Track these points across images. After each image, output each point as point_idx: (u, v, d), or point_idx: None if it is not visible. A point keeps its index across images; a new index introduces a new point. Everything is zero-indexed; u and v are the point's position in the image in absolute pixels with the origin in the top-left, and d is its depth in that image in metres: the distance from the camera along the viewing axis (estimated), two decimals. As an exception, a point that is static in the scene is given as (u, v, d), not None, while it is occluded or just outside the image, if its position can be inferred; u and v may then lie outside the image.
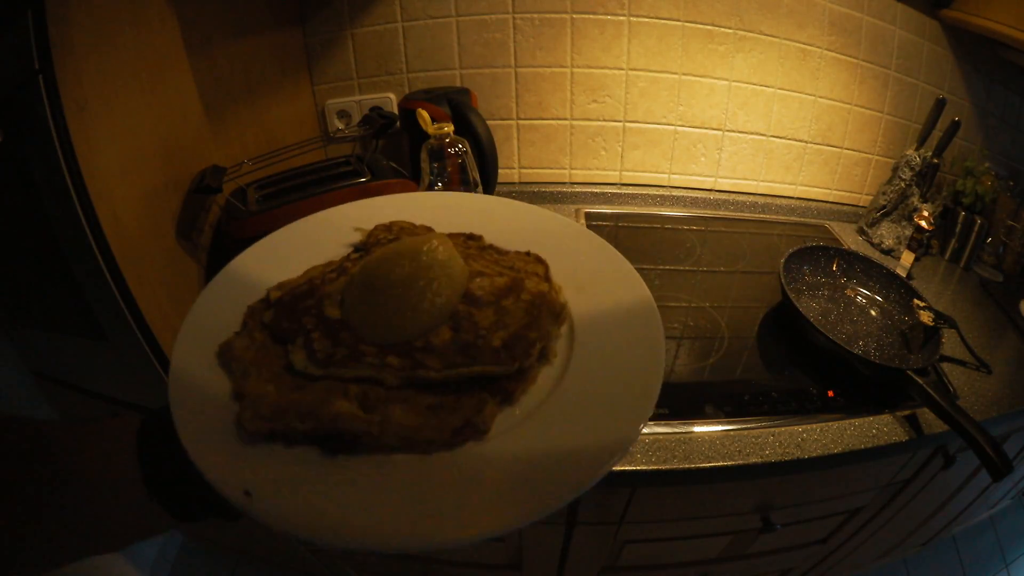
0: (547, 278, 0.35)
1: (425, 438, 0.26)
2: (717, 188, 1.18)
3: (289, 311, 0.32)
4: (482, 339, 0.29)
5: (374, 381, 0.29)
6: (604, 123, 1.10)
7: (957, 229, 1.09)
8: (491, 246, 0.39)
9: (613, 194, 1.16)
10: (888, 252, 1.09)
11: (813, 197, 1.20)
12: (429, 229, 0.40)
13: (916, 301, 0.83)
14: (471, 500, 0.25)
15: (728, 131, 1.12)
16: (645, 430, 0.68)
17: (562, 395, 0.29)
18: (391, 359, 0.29)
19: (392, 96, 1.06)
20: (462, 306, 0.31)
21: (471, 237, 0.39)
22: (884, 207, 1.10)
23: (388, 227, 0.39)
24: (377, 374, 0.29)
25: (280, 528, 0.24)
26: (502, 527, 0.24)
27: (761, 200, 1.18)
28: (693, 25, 1.01)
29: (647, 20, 1.00)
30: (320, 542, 0.24)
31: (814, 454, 0.66)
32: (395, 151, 1.09)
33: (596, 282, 0.36)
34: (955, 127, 0.98)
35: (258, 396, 0.28)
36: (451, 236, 0.38)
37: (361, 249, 0.38)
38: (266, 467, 0.26)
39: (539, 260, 0.37)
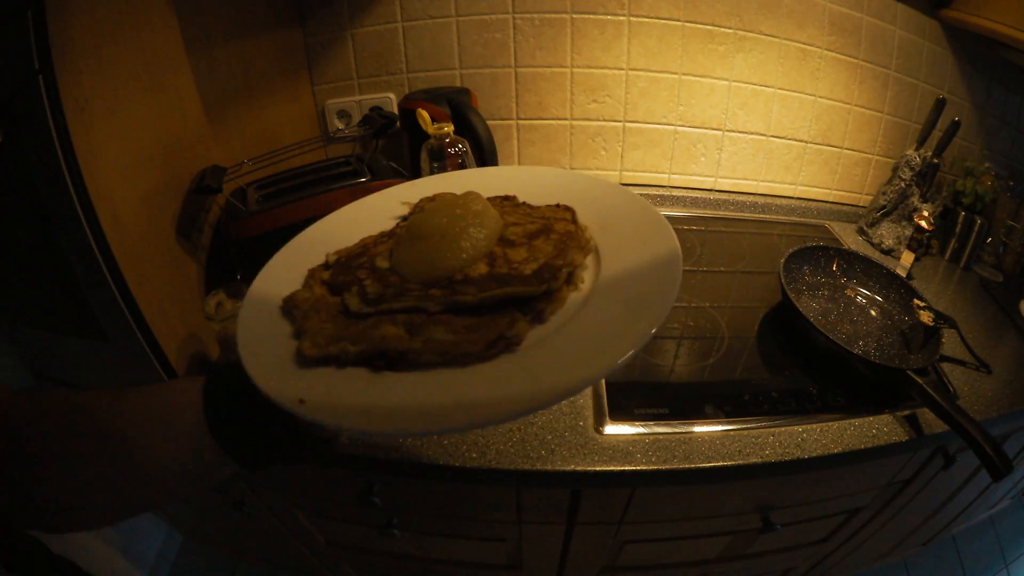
0: (574, 220, 0.40)
1: (462, 351, 0.29)
2: (717, 188, 1.18)
3: (344, 268, 0.37)
4: (515, 270, 0.33)
5: (418, 311, 0.32)
6: (604, 123, 1.10)
7: (957, 229, 1.09)
8: (524, 203, 0.43)
9: (613, 194, 1.16)
10: (888, 252, 1.09)
11: (813, 197, 1.20)
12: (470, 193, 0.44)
13: (916, 301, 0.83)
14: (502, 390, 0.28)
15: (728, 131, 1.12)
16: (645, 430, 0.68)
17: (588, 313, 0.32)
18: (433, 291, 0.33)
19: (392, 96, 1.06)
20: (498, 248, 0.36)
21: (506, 198, 0.44)
22: (884, 207, 1.10)
23: (431, 199, 0.43)
24: (421, 303, 0.32)
25: (332, 422, 0.27)
26: (528, 406, 0.26)
27: (761, 200, 1.18)
28: (693, 25, 1.01)
29: (647, 20, 1.00)
30: (371, 430, 0.27)
31: (814, 454, 0.67)
32: (395, 151, 1.09)
33: (622, 223, 0.39)
34: (955, 127, 0.98)
35: (318, 330, 0.32)
36: (489, 199, 0.42)
37: (407, 218, 0.43)
38: (320, 382, 0.29)
39: (567, 208, 0.41)
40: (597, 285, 0.34)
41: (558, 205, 0.42)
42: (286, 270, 0.39)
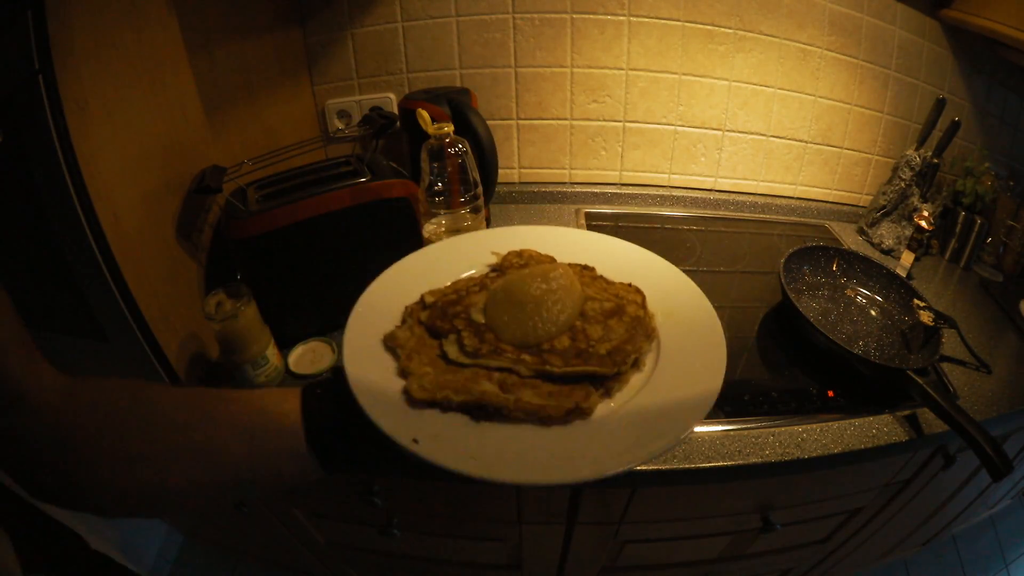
0: (643, 306, 0.45)
1: (546, 414, 0.35)
2: (717, 188, 1.18)
3: (442, 313, 0.42)
4: (592, 347, 0.39)
5: (510, 371, 0.38)
6: (604, 123, 1.10)
7: (957, 229, 1.09)
8: (601, 276, 0.48)
9: (613, 194, 1.16)
10: (888, 252, 1.09)
11: (813, 197, 1.20)
12: (552, 259, 0.49)
13: (916, 301, 0.83)
14: (579, 455, 0.33)
15: (728, 131, 1.12)
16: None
17: (647, 394, 0.38)
18: (525, 356, 0.38)
19: (392, 96, 1.06)
20: (578, 322, 0.41)
21: (586, 268, 0.49)
22: (884, 207, 1.10)
23: (519, 253, 0.49)
24: (514, 367, 0.38)
25: (442, 464, 0.31)
26: (597, 474, 0.32)
27: (761, 200, 1.18)
28: (693, 25, 1.01)
29: (647, 20, 1.00)
30: (474, 476, 0.31)
31: (814, 454, 0.67)
32: (395, 151, 1.09)
33: (680, 311, 0.45)
34: (955, 127, 0.98)
35: (421, 374, 0.37)
36: (570, 265, 0.47)
37: (497, 270, 0.48)
38: (428, 424, 0.34)
39: (638, 291, 0.46)
40: (655, 371, 0.39)
41: (630, 285, 0.47)
42: (382, 302, 0.43)
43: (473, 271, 0.48)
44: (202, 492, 0.36)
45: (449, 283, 0.47)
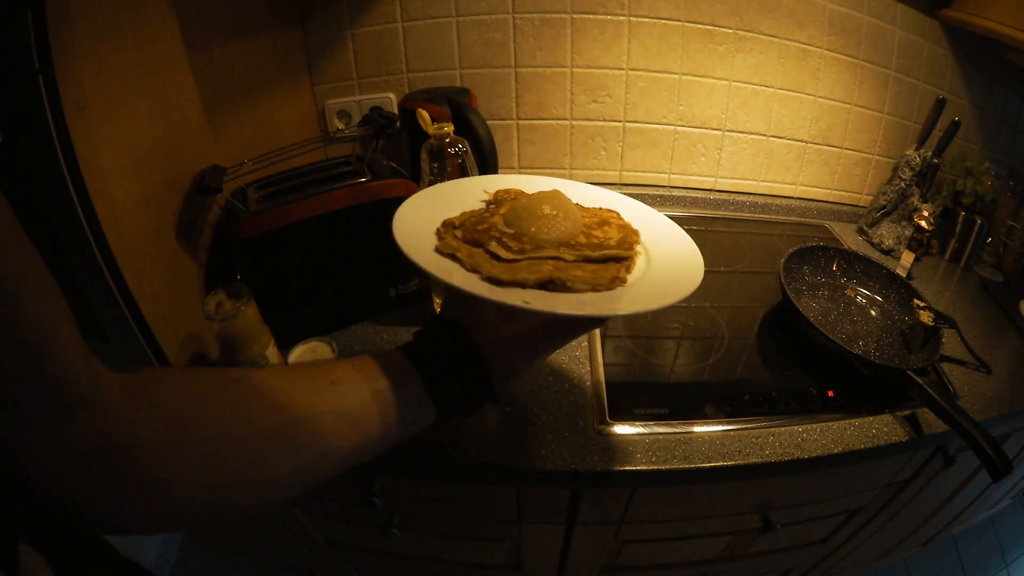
0: (620, 218, 0.54)
1: (598, 282, 0.44)
2: (717, 188, 1.18)
3: (473, 230, 0.48)
4: (606, 241, 0.49)
5: (557, 259, 0.46)
6: (604, 123, 1.10)
7: (957, 229, 1.09)
8: (578, 204, 0.55)
9: (613, 194, 1.16)
10: (888, 252, 1.09)
11: (813, 197, 1.20)
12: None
13: (916, 301, 0.83)
14: (623, 304, 0.42)
15: (728, 131, 1.12)
16: (645, 430, 0.68)
17: (656, 268, 0.49)
18: (563, 250, 0.47)
19: (392, 96, 1.06)
20: (583, 231, 0.50)
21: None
22: (884, 207, 1.10)
23: (507, 191, 0.56)
24: (559, 255, 0.46)
25: (558, 312, 0.39)
26: (633, 310, 0.41)
27: (761, 200, 1.18)
28: (693, 25, 1.01)
29: (647, 20, 1.00)
30: (582, 315, 0.40)
31: (814, 454, 0.67)
32: (395, 151, 1.09)
33: (652, 227, 0.55)
34: (955, 127, 0.98)
35: (489, 267, 0.43)
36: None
37: (493, 203, 0.54)
38: (522, 295, 0.40)
39: (611, 209, 0.56)
40: (651, 263, 0.50)
41: (601, 208, 0.56)
42: (409, 230, 0.47)
43: (469, 208, 0.54)
44: (313, 476, 0.36)
45: (459, 213, 0.52)
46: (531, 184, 0.58)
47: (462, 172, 0.74)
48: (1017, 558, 1.41)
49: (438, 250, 0.46)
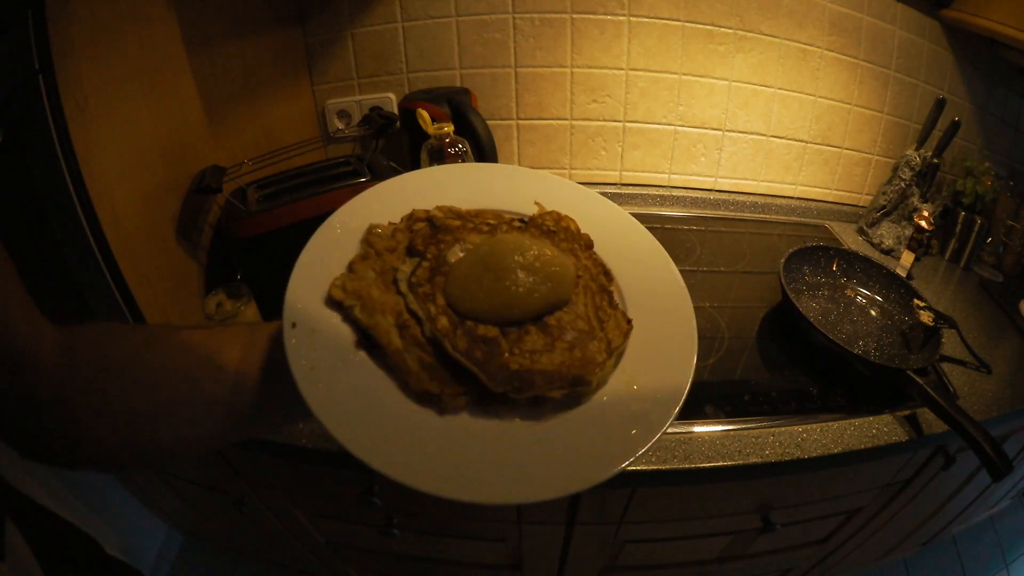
0: (607, 355, 0.35)
1: (410, 380, 0.31)
2: (717, 188, 1.18)
3: (431, 235, 0.37)
4: (507, 356, 0.33)
5: (419, 321, 0.33)
6: (604, 123, 1.10)
7: (957, 229, 1.09)
8: (614, 294, 0.40)
9: (613, 194, 1.16)
10: (888, 252, 1.09)
11: (813, 197, 1.20)
12: (589, 241, 0.41)
13: (916, 301, 0.83)
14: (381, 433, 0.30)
15: (728, 131, 1.11)
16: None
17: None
18: (443, 319, 0.33)
19: (392, 96, 1.06)
20: (532, 327, 0.35)
21: (606, 273, 0.41)
22: (884, 207, 1.10)
23: (558, 218, 0.41)
24: (427, 318, 0.33)
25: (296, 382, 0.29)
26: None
27: (761, 200, 1.18)
28: (693, 25, 1.01)
29: (647, 20, 1.00)
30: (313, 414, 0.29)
31: (814, 454, 0.66)
32: (395, 151, 1.09)
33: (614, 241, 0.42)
34: (955, 127, 0.98)
35: (359, 277, 0.34)
36: (594, 261, 0.40)
37: (523, 222, 0.41)
38: (316, 325, 0.32)
39: (629, 329, 0.37)
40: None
41: (629, 322, 0.38)
42: (395, 197, 0.40)
43: (502, 208, 0.42)
44: (205, 445, 0.35)
45: (469, 208, 0.41)
46: (598, 217, 0.44)
47: (462, 172, 0.74)
48: (1017, 558, 1.41)
49: (366, 234, 0.37)
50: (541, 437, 0.31)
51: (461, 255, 0.37)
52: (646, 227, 0.44)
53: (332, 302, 0.32)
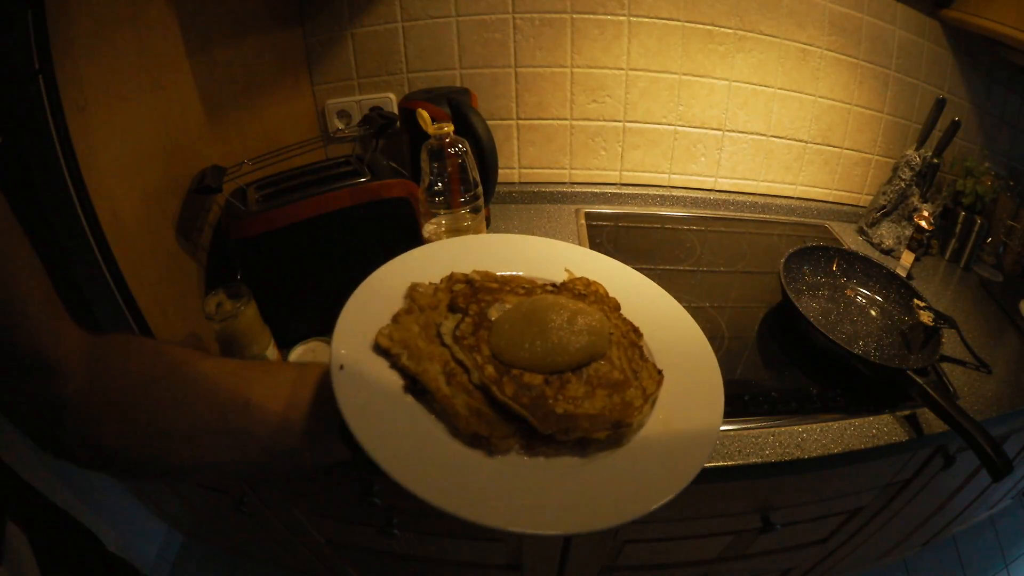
0: (646, 401, 0.39)
1: (459, 424, 0.33)
2: (717, 188, 1.18)
3: (472, 294, 0.41)
4: (548, 403, 0.36)
5: (465, 369, 0.37)
6: (604, 123, 1.10)
7: (957, 229, 1.09)
8: (641, 348, 0.43)
9: (613, 194, 1.16)
10: (888, 252, 1.09)
11: (813, 197, 1.20)
12: (617, 305, 0.46)
13: (916, 301, 0.83)
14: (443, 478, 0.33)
15: (728, 131, 1.11)
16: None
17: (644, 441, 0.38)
18: (489, 368, 0.37)
19: (392, 96, 1.06)
20: (569, 374, 0.38)
21: (636, 330, 0.45)
22: (884, 207, 1.10)
23: (587, 283, 0.46)
24: (473, 367, 0.36)
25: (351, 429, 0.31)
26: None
27: (761, 200, 1.18)
28: (693, 25, 1.01)
29: (647, 20, 1.00)
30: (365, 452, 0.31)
31: (814, 454, 0.66)
32: (395, 151, 1.09)
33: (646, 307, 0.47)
34: (955, 127, 0.98)
35: (404, 327, 0.37)
36: (624, 322, 0.45)
37: (555, 287, 0.46)
38: (368, 369, 0.34)
39: (660, 382, 0.40)
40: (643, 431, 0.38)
41: (660, 373, 0.41)
42: (426, 264, 0.44)
43: (533, 275, 0.47)
44: (228, 471, 0.36)
45: (504, 273, 0.46)
46: (632, 286, 0.48)
47: (462, 172, 0.74)
48: (1017, 558, 1.41)
49: (409, 290, 0.40)
50: (589, 472, 0.34)
51: (501, 313, 0.41)
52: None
53: (379, 349, 0.35)
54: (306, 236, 0.73)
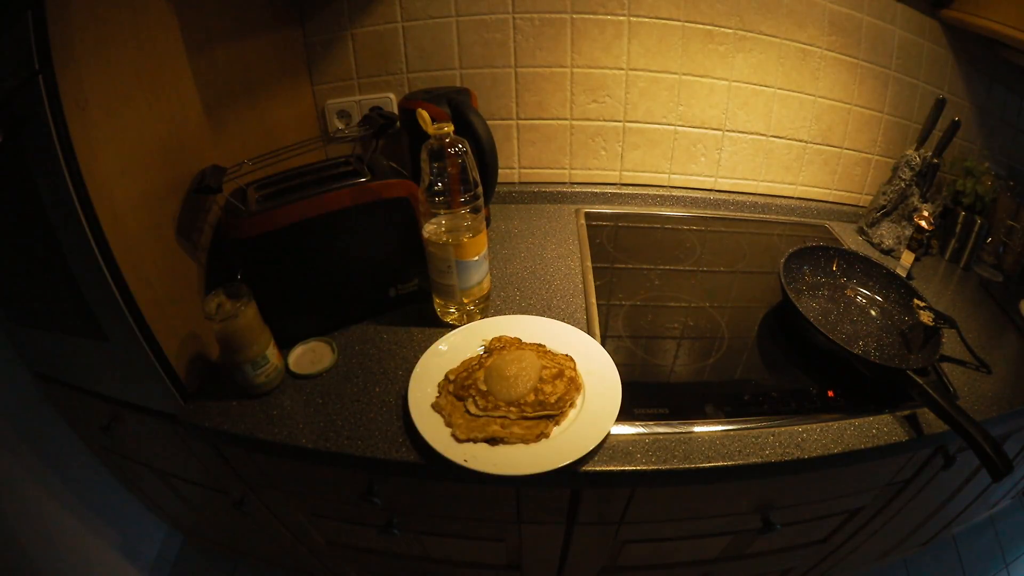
0: (575, 369, 0.73)
1: (526, 439, 0.64)
2: (717, 188, 1.18)
3: (461, 386, 0.70)
4: (547, 399, 0.68)
5: (504, 417, 0.67)
6: (604, 123, 1.10)
7: (957, 229, 1.08)
8: (549, 352, 0.76)
9: (613, 194, 1.16)
10: (888, 252, 1.09)
11: (813, 197, 1.20)
12: (518, 340, 0.78)
13: (916, 301, 0.83)
14: (544, 459, 0.62)
15: (728, 131, 1.12)
16: (645, 430, 0.68)
17: (580, 420, 0.68)
18: (512, 408, 0.67)
19: (392, 96, 1.06)
20: (538, 384, 0.70)
21: (540, 345, 0.77)
22: (884, 207, 1.10)
23: (498, 339, 0.78)
24: (507, 414, 0.67)
25: (480, 471, 0.60)
26: (556, 466, 0.61)
27: (761, 200, 1.18)
28: (693, 25, 1.01)
29: (647, 20, 1.01)
30: (496, 475, 0.60)
31: (814, 454, 0.67)
32: (395, 151, 1.09)
33: (594, 367, 0.74)
34: (955, 127, 0.98)
35: (458, 424, 0.65)
36: (529, 344, 0.77)
37: (487, 351, 0.76)
38: (467, 450, 0.63)
39: (571, 358, 0.75)
40: (582, 408, 0.69)
41: (567, 355, 0.75)
42: (423, 380, 0.72)
43: (470, 354, 0.76)
44: None
45: (460, 363, 0.74)
46: (525, 328, 0.79)
47: (462, 172, 0.74)
48: (1017, 558, 1.41)
49: (433, 405, 0.68)
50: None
51: (484, 380, 0.71)
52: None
53: (462, 440, 0.64)
54: (306, 236, 0.73)
